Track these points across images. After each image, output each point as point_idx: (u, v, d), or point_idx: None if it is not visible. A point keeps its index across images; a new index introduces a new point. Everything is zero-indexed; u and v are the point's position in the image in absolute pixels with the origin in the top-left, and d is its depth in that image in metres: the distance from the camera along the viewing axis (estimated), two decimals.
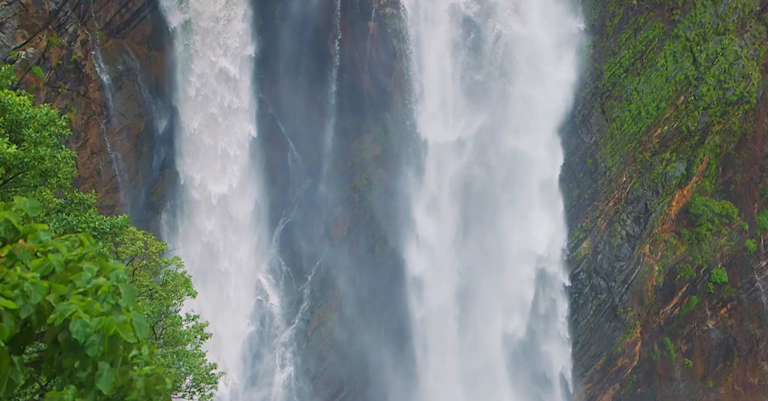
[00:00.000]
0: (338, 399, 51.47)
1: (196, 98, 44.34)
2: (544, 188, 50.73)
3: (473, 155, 50.19)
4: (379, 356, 51.55)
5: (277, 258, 51.59)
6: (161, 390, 6.14)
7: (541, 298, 51.76)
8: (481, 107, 49.31)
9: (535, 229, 50.63)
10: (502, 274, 50.60)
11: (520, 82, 48.87)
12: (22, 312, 5.35)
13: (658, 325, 55.48)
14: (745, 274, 56.80)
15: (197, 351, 22.15)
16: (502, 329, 51.04)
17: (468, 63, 48.90)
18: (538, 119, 49.45)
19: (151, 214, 45.19)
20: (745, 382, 56.24)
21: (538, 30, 48.85)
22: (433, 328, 50.92)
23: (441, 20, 48.12)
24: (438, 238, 50.69)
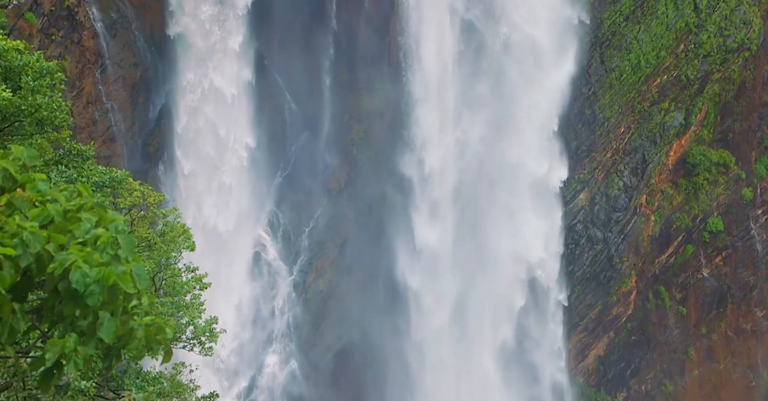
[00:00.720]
0: (336, 348, 52.15)
1: (191, 50, 43.92)
2: (541, 195, 50.72)
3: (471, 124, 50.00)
4: (376, 307, 52.08)
5: (275, 211, 51.72)
6: (162, 339, 6.20)
7: (532, 310, 51.83)
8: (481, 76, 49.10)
9: (529, 235, 50.69)
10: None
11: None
12: (21, 261, 5.37)
13: (653, 274, 56.01)
14: (741, 222, 57.14)
15: (197, 302, 22.29)
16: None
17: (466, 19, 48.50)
18: (536, 122, 49.63)
19: (148, 165, 45.11)
20: (738, 328, 57.09)
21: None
22: (429, 275, 51.27)
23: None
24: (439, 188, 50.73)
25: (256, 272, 50.55)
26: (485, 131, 49.87)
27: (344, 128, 51.43)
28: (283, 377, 49.87)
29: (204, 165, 46.76)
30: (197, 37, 44.43)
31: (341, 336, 52.40)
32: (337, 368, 51.70)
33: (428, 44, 48.96)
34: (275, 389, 49.55)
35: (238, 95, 46.66)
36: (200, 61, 44.83)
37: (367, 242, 52.33)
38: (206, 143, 46.32)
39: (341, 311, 52.19)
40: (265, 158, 49.98)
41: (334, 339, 52.33)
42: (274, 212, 51.73)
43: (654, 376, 55.91)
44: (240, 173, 48.43)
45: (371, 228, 52.40)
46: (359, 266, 52.43)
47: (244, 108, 47.45)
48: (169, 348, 6.43)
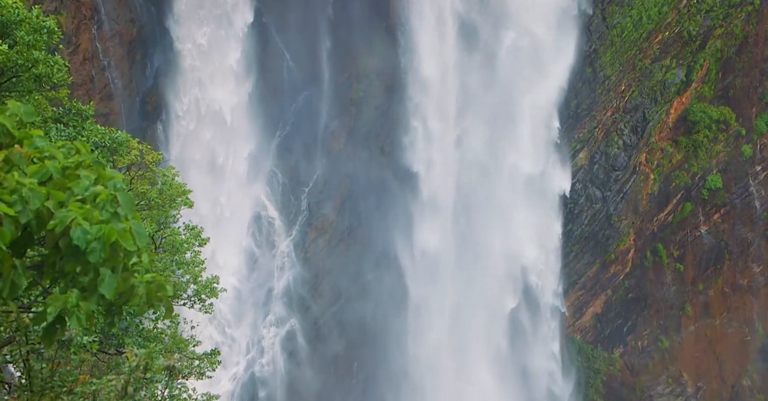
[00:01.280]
0: (335, 307, 52.54)
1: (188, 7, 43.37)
2: (539, 197, 50.51)
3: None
4: (376, 267, 52.33)
5: (274, 171, 51.65)
6: (162, 296, 6.25)
7: (526, 315, 51.82)
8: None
9: (524, 238, 50.52)
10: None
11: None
12: (21, 217, 5.38)
13: (651, 232, 56.23)
14: (740, 179, 57.17)
15: (197, 259, 22.41)
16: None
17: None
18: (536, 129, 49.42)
19: (146, 123, 44.90)
20: (735, 284, 57.56)
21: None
22: (431, 228, 51.42)
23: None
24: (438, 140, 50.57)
25: (256, 231, 50.68)
26: (484, 123, 49.78)
27: (343, 88, 51.08)
28: (282, 335, 50.36)
29: (202, 125, 46.56)
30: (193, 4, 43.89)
31: (341, 294, 52.78)
32: (336, 326, 52.18)
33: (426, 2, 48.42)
34: (275, 347, 50.07)
35: (236, 56, 46.26)
36: (198, 20, 44.35)
37: (367, 202, 52.38)
38: (204, 102, 46.08)
39: (341, 270, 52.48)
40: (264, 117, 49.74)
41: (334, 298, 52.71)
42: (273, 172, 51.67)
43: (650, 332, 56.54)
44: (239, 133, 48.26)
45: (371, 188, 52.41)
46: (359, 225, 52.57)
47: (243, 67, 47.08)
48: (170, 304, 6.49)
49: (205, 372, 21.38)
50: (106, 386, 9.67)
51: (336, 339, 52.10)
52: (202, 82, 45.63)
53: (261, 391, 49.18)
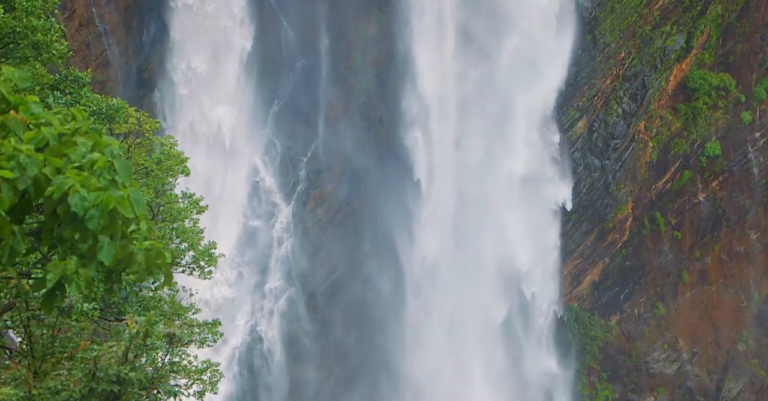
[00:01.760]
0: (334, 276, 52.77)
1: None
2: (535, 203, 50.42)
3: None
4: (374, 237, 52.45)
5: (273, 140, 51.49)
6: (161, 264, 6.26)
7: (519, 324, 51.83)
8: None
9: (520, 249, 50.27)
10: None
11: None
12: (19, 184, 5.37)
13: (649, 200, 56.31)
14: (739, 146, 57.11)
15: (195, 228, 22.43)
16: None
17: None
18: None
19: (143, 91, 44.64)
20: (732, 251, 57.83)
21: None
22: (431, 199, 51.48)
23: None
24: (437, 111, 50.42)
25: (255, 200, 50.70)
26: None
27: (341, 56, 50.71)
28: (281, 304, 50.65)
29: (199, 92, 46.31)
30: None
31: (340, 264, 52.98)
32: (334, 296, 52.46)
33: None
34: (274, 316, 50.39)
35: (234, 24, 45.83)
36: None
37: (366, 171, 52.31)
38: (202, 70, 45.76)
39: (340, 240, 52.60)
40: (262, 86, 49.45)
41: (333, 268, 52.92)
42: (271, 141, 51.52)
43: (647, 300, 56.94)
44: (236, 101, 48.03)
45: (370, 159, 52.31)
46: (357, 196, 52.58)
47: (240, 36, 46.68)
48: (169, 271, 6.51)
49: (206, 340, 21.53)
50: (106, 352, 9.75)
51: (334, 309, 52.44)
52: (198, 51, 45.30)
53: (260, 359, 49.61)
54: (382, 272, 52.19)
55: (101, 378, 9.39)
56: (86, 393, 9.30)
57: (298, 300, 51.21)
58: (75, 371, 9.50)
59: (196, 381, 20.47)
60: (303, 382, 50.82)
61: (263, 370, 49.63)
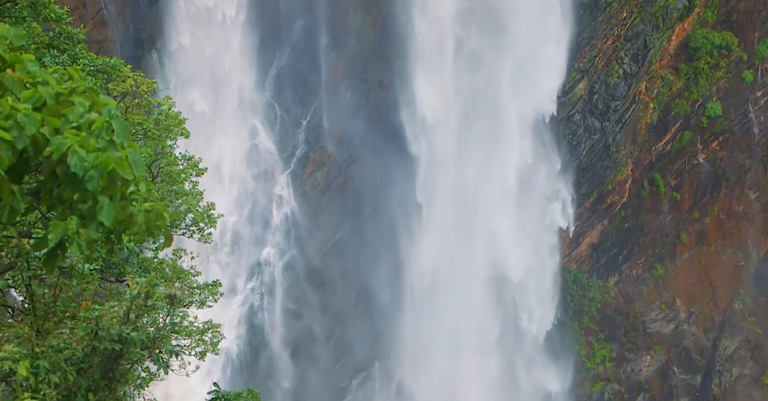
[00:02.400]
0: (334, 240, 52.95)
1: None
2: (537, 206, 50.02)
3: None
4: (375, 198, 52.50)
5: (271, 103, 51.24)
6: (161, 225, 6.29)
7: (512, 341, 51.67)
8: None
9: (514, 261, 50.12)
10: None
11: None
12: (17, 143, 5.37)
13: (649, 162, 56.30)
14: (740, 106, 56.89)
15: (195, 190, 22.46)
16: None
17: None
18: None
19: (141, 52, 44.24)
20: (730, 211, 58.00)
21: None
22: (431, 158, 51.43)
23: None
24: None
25: (253, 163, 50.64)
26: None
27: (341, 17, 50.21)
28: (281, 268, 50.91)
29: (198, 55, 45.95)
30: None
31: (339, 228, 53.13)
32: (334, 260, 52.70)
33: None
34: (273, 279, 50.69)
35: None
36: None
37: (367, 133, 52.16)
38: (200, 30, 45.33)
39: (339, 204, 52.67)
40: (260, 47, 49.04)
41: (332, 232, 53.07)
42: (270, 103, 51.28)
43: (645, 261, 57.28)
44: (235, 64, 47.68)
45: (371, 119, 52.12)
46: (357, 159, 52.48)
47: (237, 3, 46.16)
48: (169, 233, 6.55)
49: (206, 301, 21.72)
50: (108, 312, 9.85)
51: (334, 272, 52.73)
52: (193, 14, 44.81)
53: (260, 321, 50.05)
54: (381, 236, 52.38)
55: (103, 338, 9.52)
56: (89, 352, 9.45)
57: (297, 264, 51.48)
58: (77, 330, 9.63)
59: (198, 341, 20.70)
60: (303, 344, 51.34)
61: (263, 332, 50.12)
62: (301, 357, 51.14)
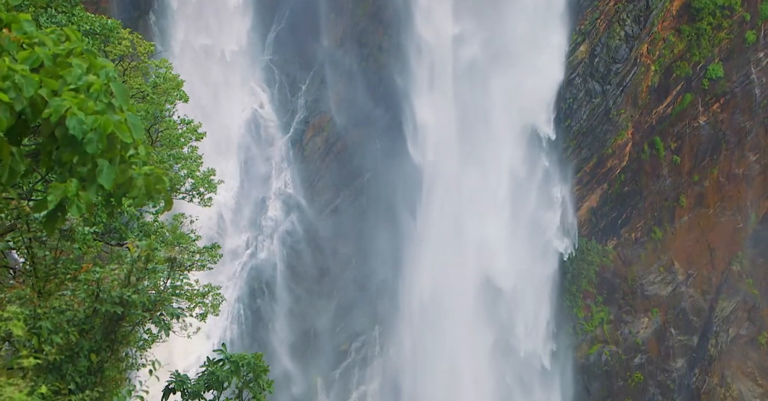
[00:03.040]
0: (334, 205, 52.99)
1: None
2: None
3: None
4: (374, 163, 52.44)
5: (270, 66, 50.88)
6: (161, 189, 6.30)
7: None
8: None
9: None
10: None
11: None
12: (16, 105, 5.36)
13: (649, 125, 56.12)
14: (742, 67, 56.48)
15: (194, 154, 22.44)
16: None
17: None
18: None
19: (137, 13, 43.81)
20: (730, 173, 57.98)
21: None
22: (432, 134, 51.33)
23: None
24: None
25: (253, 127, 50.49)
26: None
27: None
28: (281, 232, 51.04)
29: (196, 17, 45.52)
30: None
31: (338, 193, 53.14)
32: (333, 225, 52.81)
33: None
34: (274, 243, 50.85)
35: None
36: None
37: (366, 97, 51.92)
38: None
39: (339, 168, 52.61)
40: (259, 10, 48.58)
41: (332, 197, 53.09)
42: (269, 67, 50.94)
43: (644, 224, 57.43)
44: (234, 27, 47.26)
45: (370, 84, 51.82)
46: (357, 122, 52.29)
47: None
48: (169, 197, 6.56)
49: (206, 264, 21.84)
50: (109, 275, 9.92)
51: (336, 237, 52.87)
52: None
53: (260, 284, 50.34)
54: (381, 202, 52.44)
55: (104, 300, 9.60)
56: (90, 314, 9.53)
57: (296, 229, 51.61)
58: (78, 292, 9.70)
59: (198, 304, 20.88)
60: (302, 308, 51.70)
61: (263, 295, 50.44)
62: (301, 321, 51.56)
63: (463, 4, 49.09)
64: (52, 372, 8.84)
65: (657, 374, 56.03)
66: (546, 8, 49.78)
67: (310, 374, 51.18)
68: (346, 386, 52.05)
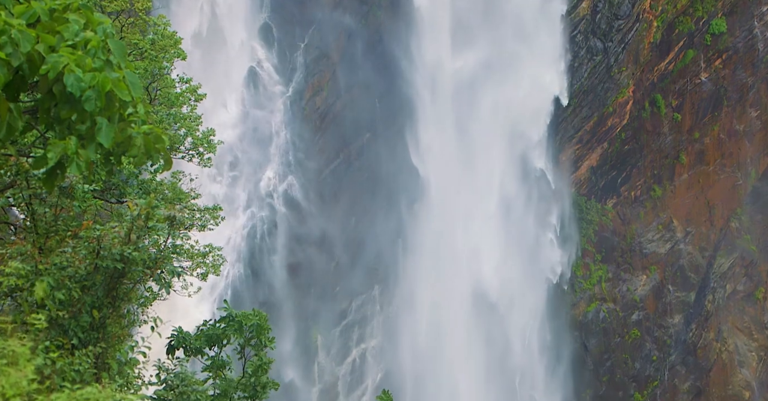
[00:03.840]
0: (333, 165, 52.92)
1: None
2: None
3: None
4: (373, 123, 52.23)
5: (269, 24, 50.35)
6: (160, 148, 6.30)
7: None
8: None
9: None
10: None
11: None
12: (13, 60, 5.34)
13: (651, 83, 55.77)
14: (745, 22, 55.85)
15: (193, 114, 22.33)
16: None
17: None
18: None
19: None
20: (731, 130, 57.80)
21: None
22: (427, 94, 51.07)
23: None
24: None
25: (252, 88, 50.19)
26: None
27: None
28: (280, 192, 51.07)
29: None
30: None
31: (339, 153, 53.03)
32: (333, 184, 52.81)
33: None
34: (273, 203, 50.91)
35: None
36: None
37: (366, 57, 51.50)
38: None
39: (339, 128, 52.42)
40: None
41: (332, 157, 53.00)
42: (267, 25, 50.42)
43: (644, 182, 57.47)
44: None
45: (370, 42, 51.35)
46: (356, 84, 51.95)
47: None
48: (169, 156, 6.57)
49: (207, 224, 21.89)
50: (109, 232, 9.96)
51: (335, 196, 52.92)
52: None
53: (261, 244, 50.55)
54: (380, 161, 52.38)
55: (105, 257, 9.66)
56: (91, 270, 9.61)
57: (296, 188, 51.63)
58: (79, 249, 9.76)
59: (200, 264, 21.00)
60: (302, 268, 52.00)
61: (263, 255, 50.69)
62: (301, 280, 51.92)
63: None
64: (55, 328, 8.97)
65: (654, 330, 56.65)
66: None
67: (310, 332, 51.69)
68: (346, 344, 52.61)
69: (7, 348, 5.97)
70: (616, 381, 55.57)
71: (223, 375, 12.71)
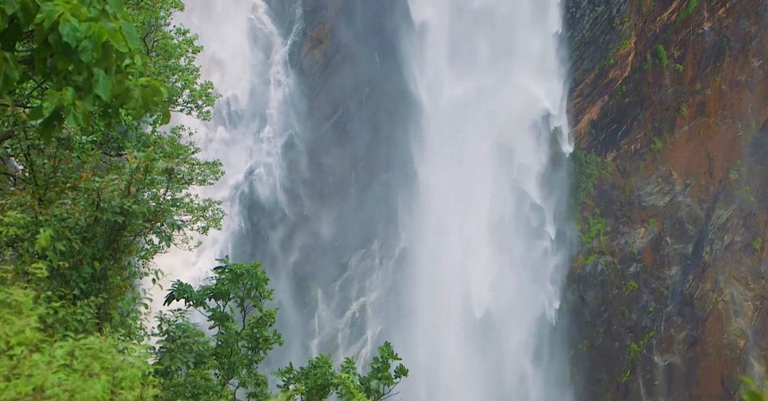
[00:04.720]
0: (334, 119, 52.70)
1: None
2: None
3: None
4: (372, 78, 51.85)
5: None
6: (158, 100, 6.27)
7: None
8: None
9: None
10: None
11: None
12: (7, 8, 5.28)
13: (653, 33, 55.15)
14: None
15: (191, 66, 22.14)
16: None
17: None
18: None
19: None
20: (733, 80, 57.35)
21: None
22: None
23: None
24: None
25: (250, 39, 49.68)
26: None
27: None
28: (279, 146, 50.95)
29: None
30: None
31: (338, 107, 52.75)
32: (333, 139, 52.66)
33: None
34: (272, 158, 50.82)
35: None
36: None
37: (366, 7, 50.88)
38: None
39: (338, 82, 52.04)
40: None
41: (331, 111, 52.74)
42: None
43: (644, 135, 57.29)
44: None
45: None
46: (356, 39, 51.41)
47: None
48: (167, 108, 6.55)
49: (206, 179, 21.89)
50: (108, 184, 9.96)
51: (335, 149, 52.81)
52: None
53: (261, 199, 50.64)
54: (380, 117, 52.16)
55: (105, 209, 9.68)
56: (92, 222, 9.64)
57: (296, 143, 51.51)
58: (79, 200, 9.77)
59: (199, 217, 21.06)
60: (303, 222, 52.18)
61: (263, 210, 50.81)
62: (302, 235, 52.13)
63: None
64: (56, 279, 9.03)
65: (651, 282, 57.13)
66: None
67: (310, 286, 52.13)
68: (346, 297, 53.11)
69: (11, 296, 6.03)
70: (613, 331, 56.27)
71: (226, 327, 12.86)
